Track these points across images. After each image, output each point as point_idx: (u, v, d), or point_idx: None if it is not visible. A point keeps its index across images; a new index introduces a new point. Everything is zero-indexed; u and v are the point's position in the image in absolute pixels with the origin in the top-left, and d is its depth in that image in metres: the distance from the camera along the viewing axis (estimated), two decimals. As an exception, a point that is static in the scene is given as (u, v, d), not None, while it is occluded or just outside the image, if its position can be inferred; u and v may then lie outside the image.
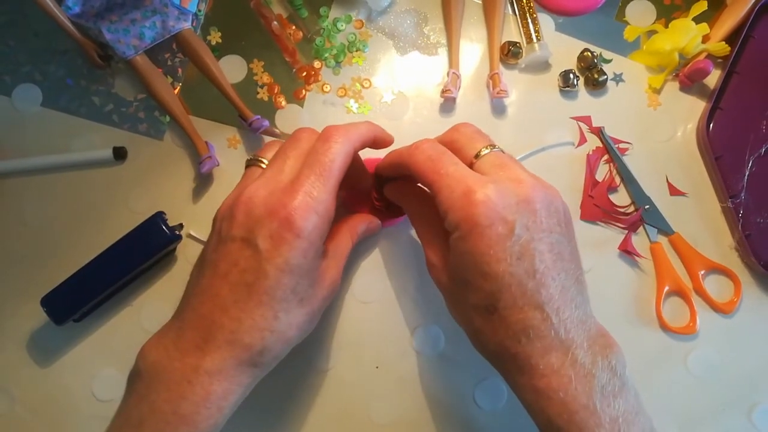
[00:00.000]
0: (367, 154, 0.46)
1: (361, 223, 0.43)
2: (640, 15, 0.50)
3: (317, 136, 0.37)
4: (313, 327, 0.37)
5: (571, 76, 0.48)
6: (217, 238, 0.35)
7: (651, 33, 0.49)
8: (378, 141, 0.40)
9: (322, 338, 0.45)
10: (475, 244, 0.31)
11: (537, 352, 0.31)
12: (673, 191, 0.48)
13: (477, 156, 0.35)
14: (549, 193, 0.33)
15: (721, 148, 0.47)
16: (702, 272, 0.47)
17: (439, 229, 0.35)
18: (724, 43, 0.47)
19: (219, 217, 0.36)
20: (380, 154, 0.46)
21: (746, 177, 0.46)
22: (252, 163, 0.39)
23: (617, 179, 0.48)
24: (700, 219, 0.48)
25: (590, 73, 0.49)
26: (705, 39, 0.48)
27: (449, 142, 0.37)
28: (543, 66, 0.49)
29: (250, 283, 0.33)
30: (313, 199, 0.33)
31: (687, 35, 0.47)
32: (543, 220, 0.32)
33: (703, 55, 0.48)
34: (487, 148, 0.35)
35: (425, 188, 0.37)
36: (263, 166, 0.38)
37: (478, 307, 0.33)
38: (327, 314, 0.46)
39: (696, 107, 0.49)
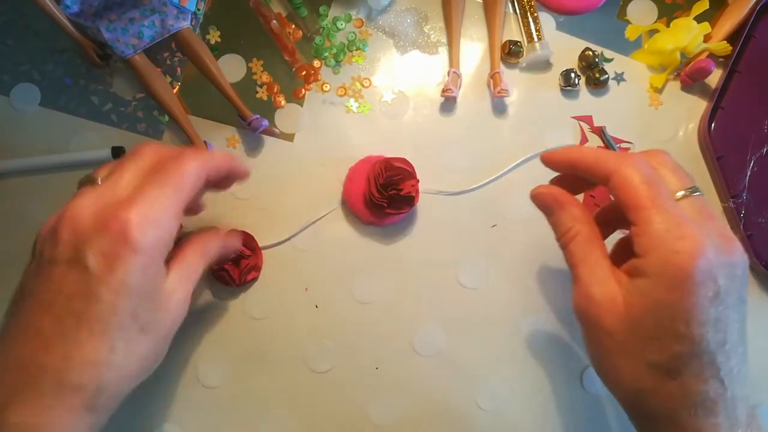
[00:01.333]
0: (367, 152, 0.46)
1: (214, 240, 0.37)
2: (641, 14, 0.50)
3: (164, 153, 0.33)
4: (161, 360, 0.33)
5: (572, 75, 0.48)
6: (37, 264, 0.30)
7: (652, 32, 0.49)
8: (231, 175, 0.36)
9: (322, 339, 0.45)
10: (680, 299, 0.28)
11: (708, 428, 0.29)
12: None
13: (677, 195, 0.31)
14: (747, 257, 0.31)
15: (723, 147, 0.46)
16: (703, 272, 0.46)
17: (612, 262, 0.32)
18: (725, 42, 0.47)
19: (39, 240, 0.31)
20: (381, 151, 0.46)
21: (748, 177, 0.46)
22: (84, 182, 0.33)
23: (618, 179, 0.48)
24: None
25: (591, 73, 0.48)
26: (707, 38, 0.47)
27: None
28: (544, 65, 0.49)
29: (78, 312, 0.28)
30: (154, 211, 0.29)
31: (688, 34, 0.47)
32: (740, 287, 0.30)
33: (705, 54, 0.48)
34: (691, 189, 0.31)
35: (621, 211, 0.31)
36: (95, 183, 0.32)
37: (657, 367, 0.29)
38: (327, 315, 0.45)
39: (697, 107, 0.49)
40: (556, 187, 0.35)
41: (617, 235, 0.38)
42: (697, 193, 0.31)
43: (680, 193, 0.31)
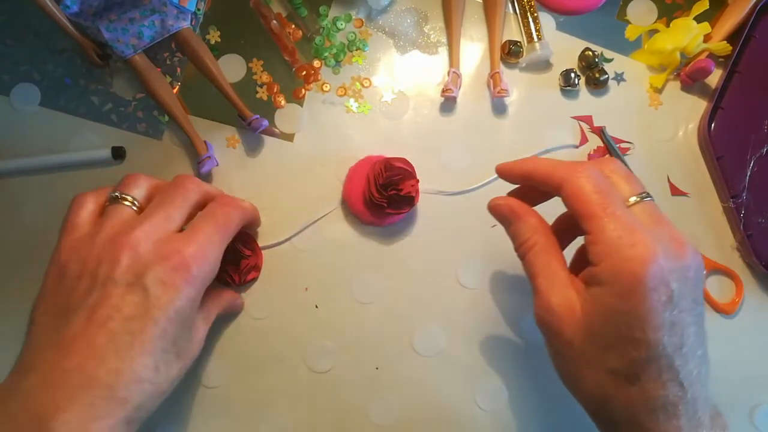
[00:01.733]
0: (367, 152, 0.46)
1: (228, 297, 0.43)
2: (641, 14, 0.50)
3: (210, 194, 0.38)
4: (172, 388, 0.35)
5: (572, 75, 0.48)
6: (90, 281, 0.32)
7: (652, 32, 0.49)
8: (253, 223, 0.43)
9: (321, 339, 0.45)
10: (635, 306, 0.28)
11: (671, 431, 0.29)
12: (675, 191, 0.48)
13: (629, 202, 0.32)
14: (700, 258, 0.31)
15: (723, 147, 0.46)
16: (703, 272, 0.46)
17: (572, 271, 0.33)
18: (725, 42, 0.47)
19: (89, 257, 0.33)
20: (381, 151, 0.46)
21: (748, 177, 0.46)
22: (117, 200, 0.36)
23: (618, 179, 0.48)
24: (702, 219, 0.47)
25: (591, 73, 0.48)
26: (707, 38, 0.47)
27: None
28: (544, 65, 0.49)
29: (134, 332, 0.31)
30: (207, 250, 0.34)
31: (688, 34, 0.47)
32: (694, 289, 0.30)
33: (705, 54, 0.48)
34: (642, 195, 0.32)
35: (575, 220, 0.32)
36: (133, 206, 0.36)
37: (617, 373, 0.30)
38: (327, 315, 0.45)
39: (697, 107, 0.49)
40: (514, 198, 0.36)
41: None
42: (648, 199, 0.32)
43: (632, 199, 0.32)
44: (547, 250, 0.33)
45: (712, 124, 0.47)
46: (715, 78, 0.48)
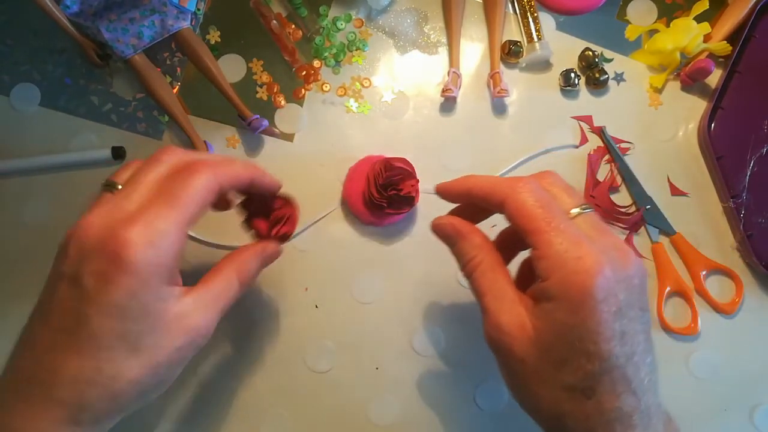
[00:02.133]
0: (367, 152, 0.46)
1: (252, 257, 0.36)
2: (641, 14, 0.50)
3: (181, 163, 0.32)
4: (166, 383, 0.32)
5: (572, 75, 0.48)
6: (49, 276, 0.31)
7: (652, 32, 0.49)
8: (257, 185, 0.35)
9: (321, 339, 0.45)
10: (584, 319, 0.28)
11: None
12: (675, 191, 0.48)
13: (571, 214, 0.31)
14: (643, 265, 0.31)
15: (723, 147, 0.46)
16: (703, 273, 0.46)
17: (516, 288, 0.32)
18: (725, 42, 0.47)
19: (58, 250, 0.31)
20: (381, 151, 0.46)
21: (748, 177, 0.46)
22: (106, 187, 0.33)
23: (618, 179, 0.48)
24: (702, 219, 0.47)
25: (591, 73, 0.48)
26: (707, 38, 0.47)
27: None
28: (544, 65, 0.49)
29: (70, 329, 0.29)
30: (155, 231, 0.29)
31: (688, 34, 0.47)
32: (640, 297, 0.30)
33: (705, 54, 0.48)
34: (583, 206, 0.32)
35: (520, 236, 0.31)
36: (111, 191, 0.32)
37: (573, 389, 0.29)
38: (327, 315, 0.45)
39: (697, 106, 0.49)
40: (456, 217, 0.36)
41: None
42: (588, 210, 0.32)
43: (574, 211, 0.31)
44: (493, 268, 0.33)
45: (712, 124, 0.47)
46: (715, 78, 0.48)
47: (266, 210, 0.39)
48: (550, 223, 0.30)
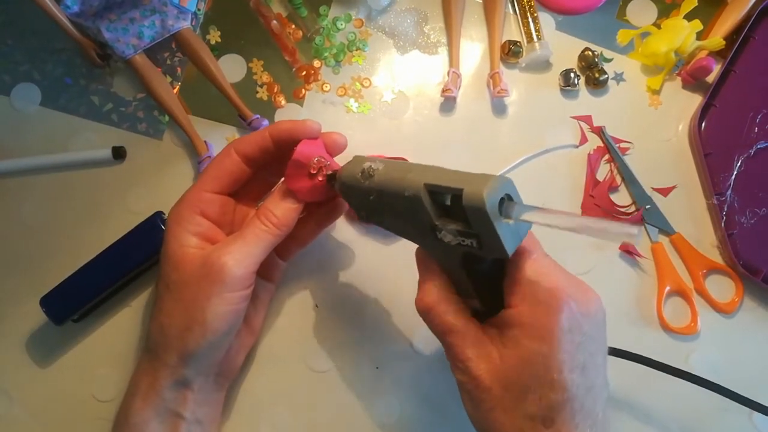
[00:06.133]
0: (367, 152, 0.46)
1: (275, 201, 0.38)
2: (640, 14, 0.50)
3: (249, 141, 0.39)
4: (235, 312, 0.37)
5: (572, 75, 0.48)
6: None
7: (645, 34, 0.49)
8: (294, 136, 0.37)
9: (321, 338, 0.45)
10: (551, 349, 0.29)
11: None
12: (663, 191, 0.47)
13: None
14: (602, 304, 0.32)
15: (711, 145, 0.46)
16: (703, 272, 0.46)
17: (477, 319, 0.33)
18: (718, 38, 0.47)
19: None
20: (381, 151, 0.46)
21: (734, 176, 0.46)
22: None
23: (618, 179, 0.48)
24: (700, 218, 0.47)
25: (591, 72, 0.48)
26: (704, 36, 0.47)
27: None
28: (544, 65, 0.49)
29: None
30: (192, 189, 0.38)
31: (681, 34, 0.47)
32: (601, 331, 0.31)
33: (705, 52, 0.48)
34: None
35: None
36: None
37: (534, 418, 0.30)
38: (327, 315, 0.45)
39: (697, 107, 0.49)
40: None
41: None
42: None
43: None
44: (455, 311, 0.33)
45: (703, 121, 0.47)
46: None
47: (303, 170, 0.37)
48: (524, 253, 0.31)
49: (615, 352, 0.40)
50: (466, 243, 0.30)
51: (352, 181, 0.35)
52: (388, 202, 0.33)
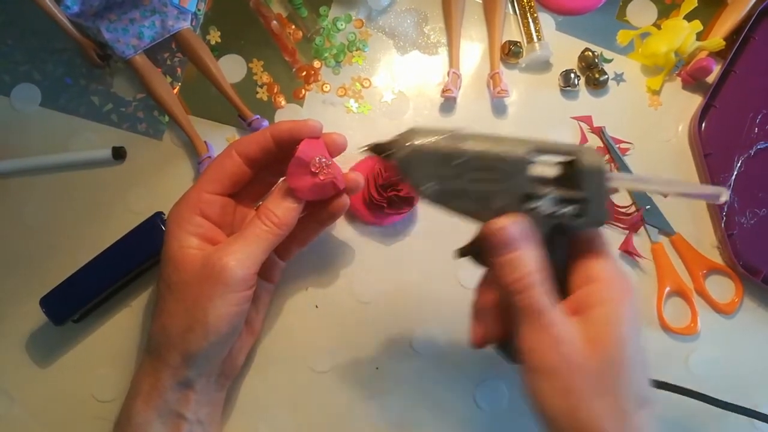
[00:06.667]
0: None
1: (275, 201, 0.38)
2: (640, 14, 0.50)
3: (249, 141, 0.39)
4: (213, 322, 0.36)
5: (572, 75, 0.48)
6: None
7: (645, 35, 0.49)
8: (295, 136, 0.37)
9: (321, 339, 0.45)
10: (639, 328, 0.31)
11: None
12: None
13: None
14: None
15: (711, 145, 0.46)
16: (703, 272, 0.46)
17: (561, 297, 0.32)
18: (718, 38, 0.47)
19: None
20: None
21: (734, 176, 0.46)
22: None
23: (618, 179, 0.48)
24: (700, 219, 0.47)
25: (591, 73, 0.48)
26: (704, 36, 0.47)
27: None
28: (544, 65, 0.49)
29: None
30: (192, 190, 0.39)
31: (680, 35, 0.47)
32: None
33: (705, 53, 0.48)
34: None
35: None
36: None
37: (636, 399, 0.29)
38: (327, 315, 0.45)
39: (697, 107, 0.49)
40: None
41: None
42: None
43: None
44: (544, 285, 0.31)
45: (703, 122, 0.47)
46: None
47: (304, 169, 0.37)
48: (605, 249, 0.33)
49: None
50: (562, 212, 0.30)
51: (433, 146, 0.31)
52: (477, 167, 0.30)
